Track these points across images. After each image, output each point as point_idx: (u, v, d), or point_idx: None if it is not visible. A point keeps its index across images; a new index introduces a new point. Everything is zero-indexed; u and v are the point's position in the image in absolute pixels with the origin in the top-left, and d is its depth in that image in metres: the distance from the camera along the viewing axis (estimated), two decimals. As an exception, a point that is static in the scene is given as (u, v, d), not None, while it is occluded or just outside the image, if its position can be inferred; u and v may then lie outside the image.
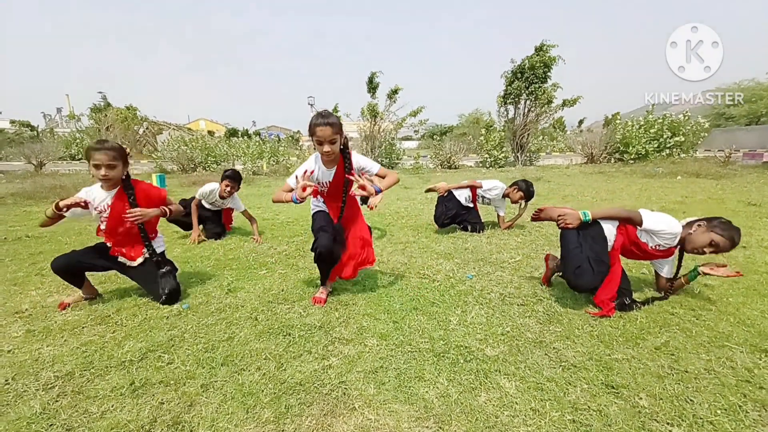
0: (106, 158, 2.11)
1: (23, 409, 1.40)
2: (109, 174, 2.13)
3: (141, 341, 1.89)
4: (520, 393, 1.49)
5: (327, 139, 2.02)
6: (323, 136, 2.01)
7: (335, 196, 2.33)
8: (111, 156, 2.12)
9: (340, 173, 2.22)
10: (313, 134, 2.04)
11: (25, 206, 6.39)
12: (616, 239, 2.25)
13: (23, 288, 2.65)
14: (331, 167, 2.23)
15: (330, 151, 2.06)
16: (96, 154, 2.10)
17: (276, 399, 1.46)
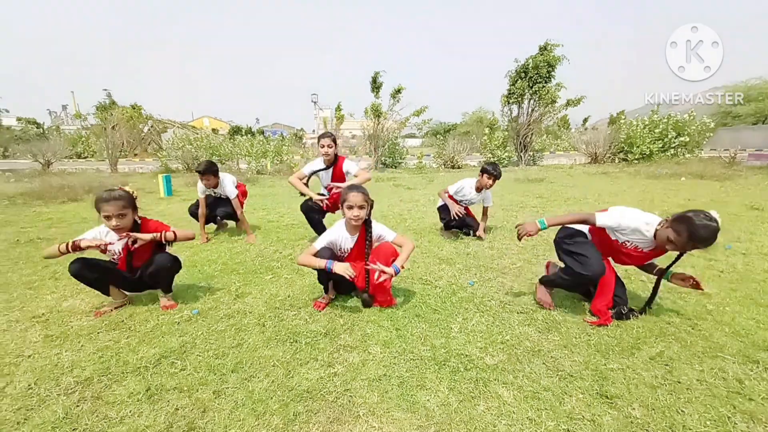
0: (115, 209, 2.15)
1: (47, 413, 1.49)
2: (120, 224, 2.19)
3: (154, 347, 1.98)
4: (517, 402, 1.56)
5: (357, 204, 2.26)
6: (355, 201, 2.26)
7: (356, 258, 2.46)
8: (120, 206, 2.17)
9: (361, 242, 2.41)
10: (346, 200, 2.28)
11: (34, 206, 6.51)
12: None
13: (38, 292, 2.75)
14: (353, 234, 2.41)
15: (359, 216, 2.28)
16: (105, 206, 2.15)
17: (284, 406, 1.54)
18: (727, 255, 3.37)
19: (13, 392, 1.62)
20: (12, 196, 7.34)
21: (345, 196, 2.29)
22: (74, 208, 6.40)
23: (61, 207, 6.48)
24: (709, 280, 2.82)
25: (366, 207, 2.29)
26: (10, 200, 6.99)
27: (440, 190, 4.26)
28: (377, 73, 13.55)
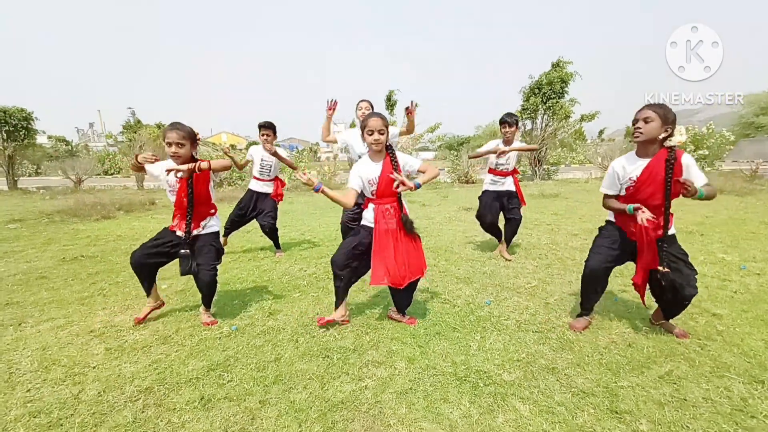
0: (177, 137, 2.41)
1: (119, 418, 1.72)
2: (178, 152, 2.44)
3: (201, 360, 2.20)
4: (533, 416, 1.71)
5: (377, 129, 2.31)
6: (374, 126, 2.31)
7: (387, 191, 2.40)
8: (180, 135, 2.42)
9: (387, 168, 2.39)
10: (366, 126, 2.34)
11: (71, 224, 6.94)
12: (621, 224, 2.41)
13: (90, 308, 3.02)
14: (378, 160, 2.42)
15: (379, 140, 2.32)
16: (168, 132, 2.42)
17: (323, 415, 1.73)
18: (742, 275, 3.43)
19: (87, 398, 1.86)
20: (50, 213, 7.82)
21: (365, 122, 2.35)
22: (108, 225, 6.80)
23: (96, 224, 6.89)
24: (722, 300, 2.90)
25: (386, 132, 2.34)
26: (49, 218, 7.46)
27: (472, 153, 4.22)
28: (392, 92, 13.95)
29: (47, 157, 23.57)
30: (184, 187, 2.49)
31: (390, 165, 2.39)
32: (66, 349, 2.35)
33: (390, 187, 2.36)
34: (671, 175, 2.15)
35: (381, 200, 2.43)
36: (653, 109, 2.16)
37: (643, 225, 2.18)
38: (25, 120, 13.57)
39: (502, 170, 4.05)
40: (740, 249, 4.27)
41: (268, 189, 4.34)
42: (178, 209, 2.58)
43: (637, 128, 2.20)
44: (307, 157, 16.76)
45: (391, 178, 2.33)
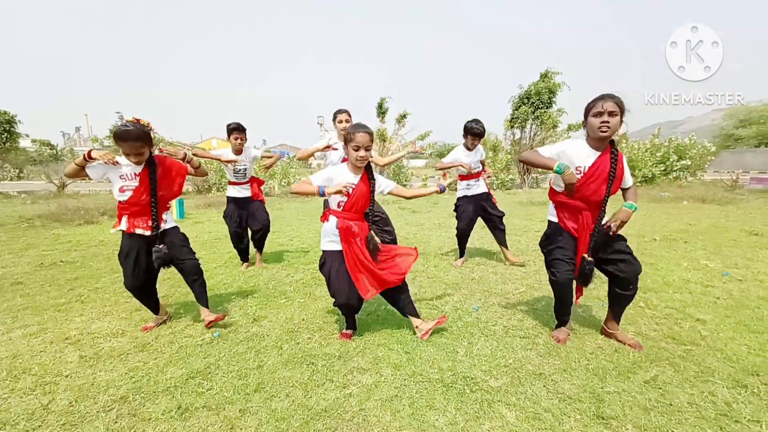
0: (133, 149, 2.28)
1: (89, 429, 1.64)
2: (138, 161, 2.36)
3: (181, 368, 2.13)
4: (519, 422, 1.68)
5: (364, 145, 2.22)
6: (361, 142, 2.20)
7: (357, 206, 2.33)
8: (137, 147, 2.29)
9: (365, 181, 2.33)
10: (352, 140, 2.22)
11: (52, 228, 6.76)
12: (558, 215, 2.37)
13: (67, 314, 2.92)
14: (357, 173, 2.34)
15: (365, 157, 2.24)
16: (123, 145, 2.27)
17: (305, 424, 1.67)
18: (724, 281, 3.48)
19: (57, 409, 1.78)
20: (30, 218, 7.61)
21: (351, 135, 2.22)
22: (91, 230, 6.63)
23: (78, 229, 6.72)
24: (705, 306, 2.93)
25: (371, 149, 2.27)
26: (29, 222, 7.26)
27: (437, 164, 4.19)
28: (383, 99, 14.02)
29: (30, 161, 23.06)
30: (146, 180, 2.39)
31: (367, 181, 2.34)
32: (38, 357, 2.25)
33: (360, 204, 2.32)
34: (615, 171, 2.14)
35: (346, 214, 2.32)
36: (616, 101, 2.07)
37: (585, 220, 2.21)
38: (7, 123, 13.30)
39: (475, 173, 4.09)
40: (722, 256, 4.35)
41: (247, 192, 4.10)
42: (134, 206, 2.41)
43: (604, 122, 2.07)
44: (297, 164, 16.66)
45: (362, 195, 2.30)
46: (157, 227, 2.46)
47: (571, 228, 2.30)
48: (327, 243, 2.39)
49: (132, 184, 2.39)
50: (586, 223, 2.24)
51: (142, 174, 2.40)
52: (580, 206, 2.24)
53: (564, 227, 2.32)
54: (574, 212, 2.28)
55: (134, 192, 2.39)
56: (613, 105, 2.07)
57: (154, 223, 2.45)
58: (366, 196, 2.33)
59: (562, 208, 2.33)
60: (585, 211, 2.24)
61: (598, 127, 2.11)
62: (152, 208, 2.43)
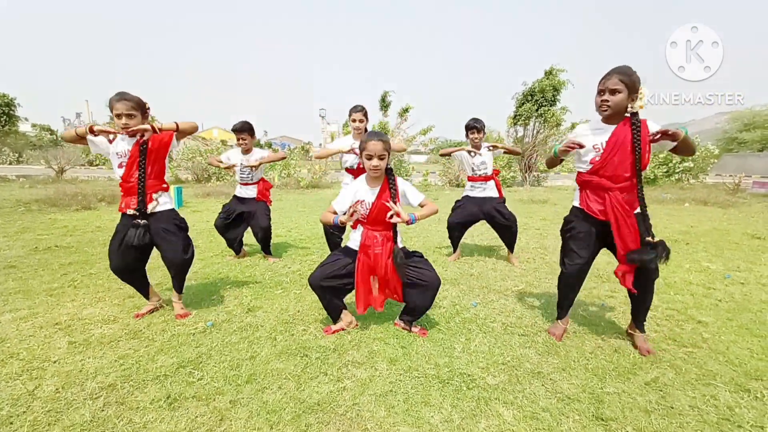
0: (125, 108, 2.25)
1: (75, 416, 1.59)
2: (129, 123, 2.27)
3: (172, 356, 2.08)
4: (517, 421, 1.64)
5: (377, 154, 2.13)
6: (374, 150, 2.12)
7: (379, 218, 2.24)
8: (129, 106, 2.26)
9: (384, 192, 2.24)
10: (364, 149, 2.15)
11: (49, 213, 6.70)
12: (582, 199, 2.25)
13: (59, 299, 2.87)
14: (374, 186, 2.26)
15: (378, 166, 2.14)
16: (116, 104, 2.25)
17: (297, 417, 1.63)
18: (726, 284, 3.44)
19: (43, 395, 1.73)
20: (27, 202, 7.55)
21: (363, 144, 2.16)
22: (88, 216, 6.58)
23: (75, 215, 6.67)
24: (707, 308, 2.89)
25: (386, 157, 2.17)
26: (26, 206, 7.20)
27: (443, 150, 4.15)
28: (386, 93, 13.88)
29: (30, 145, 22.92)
30: (136, 155, 2.32)
31: (387, 191, 2.23)
32: (26, 342, 2.21)
33: (383, 215, 2.19)
34: (639, 140, 1.99)
35: (372, 227, 2.26)
36: (620, 77, 1.96)
37: (614, 199, 2.05)
38: (6, 106, 13.17)
39: (481, 175, 3.94)
40: (724, 258, 4.30)
41: (252, 193, 3.96)
42: (126, 183, 2.37)
43: (605, 101, 2.01)
44: (298, 156, 16.58)
45: (384, 206, 2.18)
46: (143, 204, 2.37)
47: (597, 211, 2.14)
48: (350, 243, 2.39)
49: (125, 160, 2.36)
50: (615, 204, 2.07)
51: (133, 148, 2.33)
52: (605, 184, 2.09)
53: (588, 210, 2.17)
54: (599, 192, 2.13)
55: (126, 167, 2.35)
56: (616, 82, 1.97)
57: (141, 197, 2.36)
58: (387, 207, 2.19)
59: (587, 188, 2.20)
60: (612, 190, 2.08)
61: (598, 106, 2.06)
62: (139, 183, 2.35)
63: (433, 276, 2.32)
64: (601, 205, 2.13)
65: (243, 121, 3.75)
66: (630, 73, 1.98)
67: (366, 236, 2.25)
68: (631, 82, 1.97)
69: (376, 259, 2.24)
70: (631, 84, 1.98)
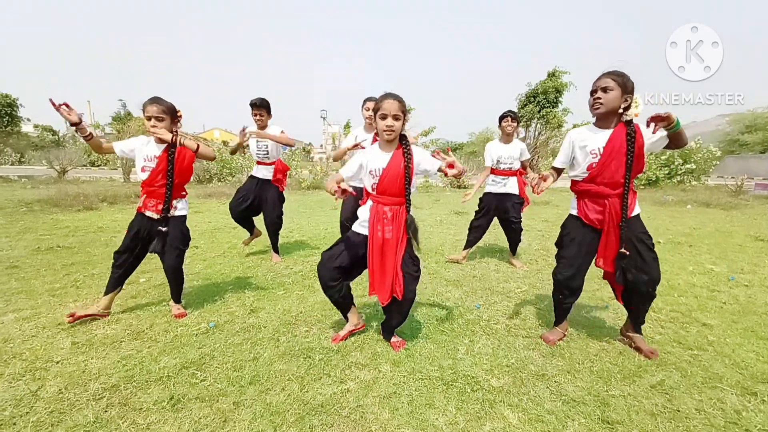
0: (155, 111, 2.33)
1: (79, 417, 1.59)
2: (158, 126, 2.35)
3: (175, 357, 2.08)
4: (522, 424, 1.63)
5: (392, 113, 1.93)
6: (389, 109, 1.93)
7: (390, 189, 2.03)
8: (160, 109, 2.34)
9: (397, 161, 2.01)
10: (379, 109, 1.97)
11: (51, 214, 6.70)
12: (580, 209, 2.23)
13: (62, 300, 2.86)
14: (388, 150, 2.06)
15: (393, 126, 1.95)
16: (148, 106, 2.34)
17: (300, 419, 1.62)
18: (730, 286, 3.42)
19: (46, 396, 1.73)
20: (30, 202, 7.55)
21: (378, 104, 1.97)
22: (90, 216, 6.58)
23: (77, 215, 6.67)
24: (711, 310, 2.87)
25: (401, 118, 1.97)
26: (28, 207, 7.20)
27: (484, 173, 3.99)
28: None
29: (32, 146, 22.97)
30: (164, 163, 2.41)
31: (402, 158, 2.01)
32: (29, 342, 2.20)
33: (394, 183, 2.01)
34: (633, 149, 2.00)
35: (381, 198, 2.05)
36: (612, 77, 1.98)
37: (612, 207, 2.06)
38: (9, 106, 13.21)
39: (504, 169, 3.83)
40: (728, 260, 4.28)
41: (268, 174, 3.86)
42: (149, 186, 2.48)
43: (597, 99, 2.01)
44: (299, 157, 16.59)
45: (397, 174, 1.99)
46: (167, 211, 2.49)
47: (595, 219, 2.14)
48: (357, 225, 2.20)
49: (150, 165, 2.44)
50: (613, 212, 2.08)
51: (161, 156, 2.43)
52: (604, 192, 2.09)
53: (586, 219, 2.17)
54: (598, 200, 2.13)
55: (151, 173, 2.44)
56: (607, 80, 1.98)
57: (166, 205, 2.47)
58: (401, 176, 1.99)
59: (585, 196, 2.19)
60: (611, 197, 2.08)
61: (591, 105, 2.06)
62: (167, 192, 2.46)
63: (414, 291, 2.17)
64: (600, 214, 2.13)
65: (261, 98, 3.74)
66: (621, 73, 2.00)
67: (375, 213, 2.05)
68: (622, 81, 1.98)
69: (386, 244, 2.06)
70: (623, 83, 1.98)
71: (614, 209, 2.08)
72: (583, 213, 2.19)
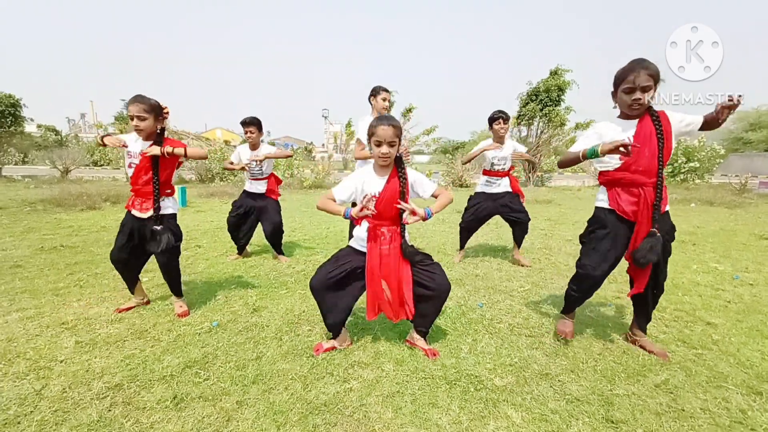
0: (136, 110, 2.32)
1: (83, 416, 1.59)
2: (140, 125, 2.34)
3: (178, 356, 2.08)
4: (525, 423, 1.63)
5: (387, 140, 1.93)
6: (384, 136, 1.92)
7: (387, 213, 2.04)
8: (141, 108, 2.32)
9: (393, 184, 2.02)
10: (373, 134, 1.96)
11: (54, 213, 6.73)
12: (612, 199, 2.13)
13: (65, 299, 2.87)
14: (383, 175, 2.06)
15: (388, 154, 1.95)
16: (130, 106, 2.33)
17: (304, 418, 1.62)
18: (735, 285, 3.40)
19: (50, 395, 1.73)
20: (33, 202, 7.59)
21: (372, 129, 1.95)
22: (93, 216, 6.60)
23: (80, 215, 6.69)
24: (716, 309, 2.86)
25: (396, 144, 1.96)
26: (32, 206, 7.23)
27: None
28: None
29: (35, 146, 23.04)
30: (146, 165, 2.40)
31: (396, 181, 2.01)
32: (33, 341, 2.21)
33: (391, 207, 2.01)
34: (662, 132, 1.93)
35: (378, 222, 2.04)
36: (649, 72, 1.87)
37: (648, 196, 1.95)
38: (12, 106, 13.19)
39: (498, 170, 3.86)
40: (732, 259, 4.26)
41: (261, 188, 3.93)
42: (134, 185, 2.47)
43: (636, 100, 1.90)
44: (301, 156, 16.59)
45: (392, 198, 1.99)
46: (158, 208, 2.44)
47: (629, 211, 2.03)
48: (354, 243, 2.19)
49: (135, 161, 2.42)
50: (648, 201, 1.98)
51: (143, 157, 2.39)
52: (639, 180, 1.99)
53: (619, 210, 2.06)
54: (632, 189, 2.02)
55: (135, 170, 2.42)
56: (647, 78, 1.87)
57: (156, 204, 2.43)
58: (395, 198, 2.00)
59: (618, 187, 2.07)
60: (646, 186, 1.98)
61: (629, 105, 1.95)
62: (154, 189, 2.42)
63: (443, 281, 2.12)
64: (634, 205, 2.02)
65: (252, 117, 3.79)
66: (655, 67, 1.91)
67: (372, 232, 2.06)
68: (658, 76, 1.91)
69: (385, 260, 2.05)
70: (658, 78, 1.91)
71: (648, 199, 1.99)
72: (616, 204, 2.07)
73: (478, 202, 3.98)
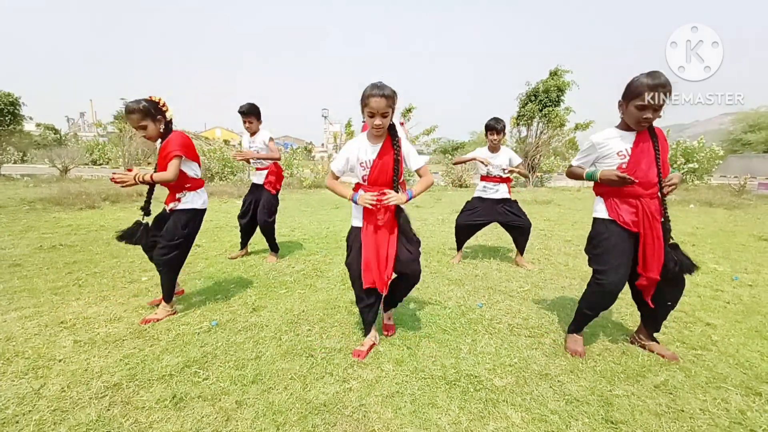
0: (133, 123, 2.35)
1: (81, 416, 1.59)
2: (144, 134, 2.37)
3: (177, 356, 2.08)
4: (525, 424, 1.62)
5: (380, 112, 1.91)
6: (377, 107, 1.90)
7: (381, 180, 2.07)
8: (137, 119, 2.31)
9: (387, 150, 2.04)
10: (366, 105, 1.94)
11: (54, 212, 6.72)
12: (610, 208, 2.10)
13: (64, 298, 2.87)
14: (376, 143, 2.07)
15: (381, 125, 1.95)
16: (128, 118, 2.36)
17: (303, 418, 1.62)
18: (734, 286, 3.40)
19: (48, 394, 1.73)
20: (32, 201, 7.56)
21: (365, 100, 1.93)
22: (92, 215, 6.59)
23: (79, 214, 6.68)
24: (715, 310, 2.86)
25: (390, 114, 1.96)
26: (30, 205, 7.21)
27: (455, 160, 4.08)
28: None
29: (34, 144, 23.00)
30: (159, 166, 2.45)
31: (391, 149, 2.04)
32: (32, 341, 2.20)
33: (384, 175, 2.04)
34: (658, 145, 1.95)
35: (372, 188, 2.08)
36: (665, 91, 1.84)
37: (646, 208, 1.95)
38: (11, 105, 13.16)
39: (495, 176, 3.84)
40: (731, 260, 4.26)
41: (260, 179, 3.92)
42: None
43: (647, 119, 1.89)
44: (301, 156, 16.58)
45: (386, 166, 2.03)
46: (147, 203, 2.54)
47: (629, 222, 2.01)
48: (354, 219, 2.20)
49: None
50: (647, 213, 1.98)
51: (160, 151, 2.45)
52: (636, 191, 1.98)
53: (620, 221, 2.03)
54: (629, 200, 2.02)
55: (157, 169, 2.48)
56: (663, 98, 1.85)
57: (147, 198, 2.53)
58: (389, 167, 2.03)
59: (615, 198, 2.06)
60: (643, 197, 1.99)
61: (638, 121, 1.93)
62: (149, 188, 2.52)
63: (417, 269, 2.21)
64: (634, 216, 2.01)
65: (249, 104, 3.74)
66: (671, 85, 1.87)
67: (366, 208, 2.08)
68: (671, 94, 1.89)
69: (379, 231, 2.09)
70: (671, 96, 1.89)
71: (648, 210, 1.98)
72: (616, 214, 2.05)
73: (473, 207, 3.95)
